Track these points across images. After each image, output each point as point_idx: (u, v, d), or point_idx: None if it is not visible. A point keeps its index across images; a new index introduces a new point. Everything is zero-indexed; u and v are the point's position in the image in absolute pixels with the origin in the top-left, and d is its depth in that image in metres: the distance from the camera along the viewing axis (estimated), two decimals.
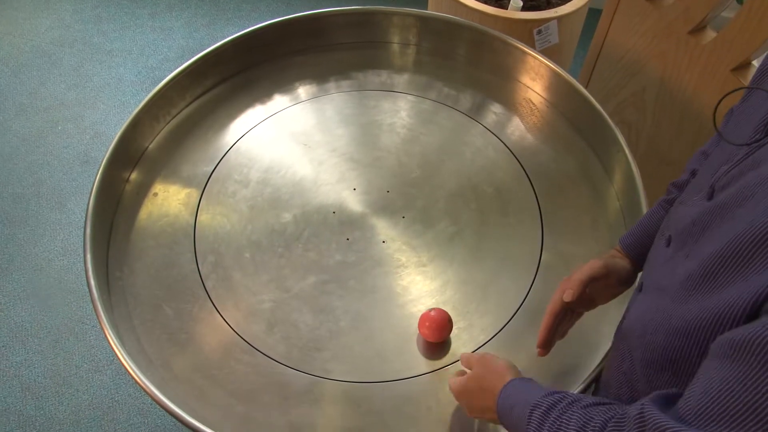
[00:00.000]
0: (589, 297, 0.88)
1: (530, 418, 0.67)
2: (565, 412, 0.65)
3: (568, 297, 0.85)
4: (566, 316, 0.90)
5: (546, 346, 0.88)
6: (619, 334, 0.77)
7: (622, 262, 0.89)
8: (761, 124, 0.61)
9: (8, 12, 2.84)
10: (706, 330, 0.54)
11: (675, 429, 0.50)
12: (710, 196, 0.63)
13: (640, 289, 0.75)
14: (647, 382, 0.66)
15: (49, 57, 2.65)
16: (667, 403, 0.56)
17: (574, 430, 0.62)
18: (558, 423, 0.64)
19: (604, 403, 0.65)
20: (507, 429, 0.76)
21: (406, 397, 0.98)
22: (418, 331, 1.04)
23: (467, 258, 1.12)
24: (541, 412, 0.66)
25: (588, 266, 0.87)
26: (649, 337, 0.64)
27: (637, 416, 0.55)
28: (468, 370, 0.86)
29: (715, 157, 0.70)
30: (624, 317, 0.78)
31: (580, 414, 0.63)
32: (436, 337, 1.01)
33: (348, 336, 1.03)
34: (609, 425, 0.59)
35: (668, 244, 0.69)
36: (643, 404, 0.56)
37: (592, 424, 0.61)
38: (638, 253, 0.89)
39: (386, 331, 1.04)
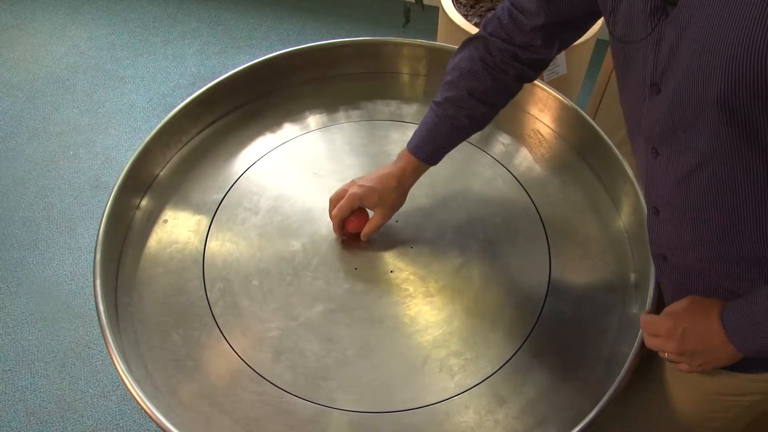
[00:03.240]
0: None
1: None
2: None
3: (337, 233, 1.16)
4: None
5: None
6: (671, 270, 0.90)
7: (409, 180, 1.13)
8: (647, 14, 0.71)
9: (24, 39, 2.89)
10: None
11: None
12: (658, 91, 0.72)
13: (656, 213, 0.86)
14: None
15: (63, 83, 2.70)
16: None
17: None
18: None
19: None
20: (740, 349, 0.79)
21: (412, 427, 0.97)
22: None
23: (475, 289, 1.12)
24: None
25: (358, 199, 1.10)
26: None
27: None
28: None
29: (624, 62, 0.80)
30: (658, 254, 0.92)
31: None
32: (357, 228, 1.15)
33: (355, 365, 1.03)
34: None
35: (656, 155, 0.79)
36: None
37: None
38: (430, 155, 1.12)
39: (393, 361, 1.04)
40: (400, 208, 1.15)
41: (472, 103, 1.06)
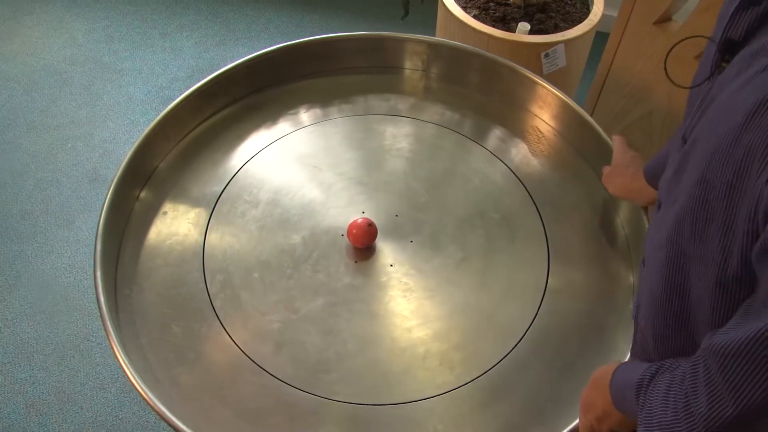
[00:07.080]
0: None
1: (637, 400, 0.67)
2: (656, 384, 0.65)
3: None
4: None
5: None
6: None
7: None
8: (708, 65, 0.67)
9: (22, 31, 2.87)
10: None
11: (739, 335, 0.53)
12: (684, 144, 0.67)
13: (643, 264, 0.77)
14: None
15: (61, 76, 2.68)
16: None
17: (662, 397, 0.63)
18: (650, 396, 0.65)
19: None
20: (631, 417, 0.72)
21: (412, 419, 0.98)
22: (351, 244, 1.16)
23: (474, 283, 1.12)
24: (643, 389, 0.67)
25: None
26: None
27: (704, 350, 0.58)
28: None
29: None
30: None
31: (666, 378, 0.64)
32: (362, 242, 1.15)
33: (355, 358, 1.04)
34: (687, 375, 0.60)
35: (659, 208, 0.71)
36: (706, 343, 0.58)
37: (676, 383, 0.62)
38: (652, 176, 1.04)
39: (393, 354, 1.04)
40: (631, 197, 1.12)
41: None
